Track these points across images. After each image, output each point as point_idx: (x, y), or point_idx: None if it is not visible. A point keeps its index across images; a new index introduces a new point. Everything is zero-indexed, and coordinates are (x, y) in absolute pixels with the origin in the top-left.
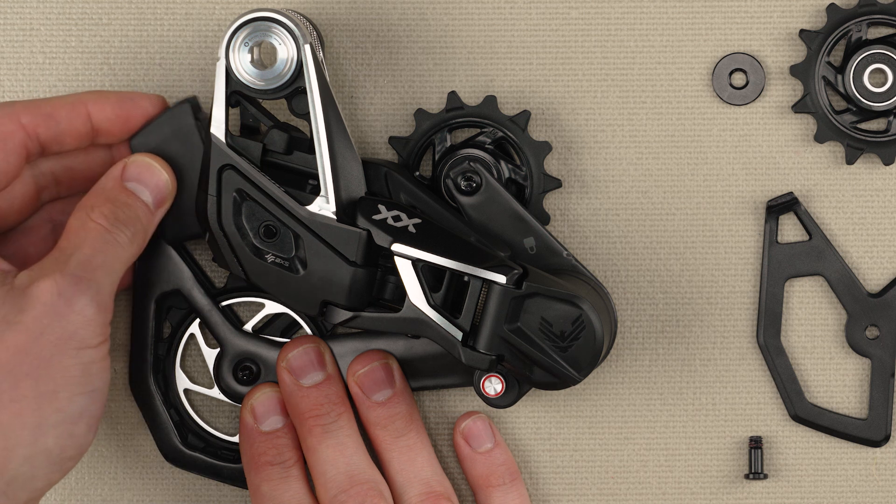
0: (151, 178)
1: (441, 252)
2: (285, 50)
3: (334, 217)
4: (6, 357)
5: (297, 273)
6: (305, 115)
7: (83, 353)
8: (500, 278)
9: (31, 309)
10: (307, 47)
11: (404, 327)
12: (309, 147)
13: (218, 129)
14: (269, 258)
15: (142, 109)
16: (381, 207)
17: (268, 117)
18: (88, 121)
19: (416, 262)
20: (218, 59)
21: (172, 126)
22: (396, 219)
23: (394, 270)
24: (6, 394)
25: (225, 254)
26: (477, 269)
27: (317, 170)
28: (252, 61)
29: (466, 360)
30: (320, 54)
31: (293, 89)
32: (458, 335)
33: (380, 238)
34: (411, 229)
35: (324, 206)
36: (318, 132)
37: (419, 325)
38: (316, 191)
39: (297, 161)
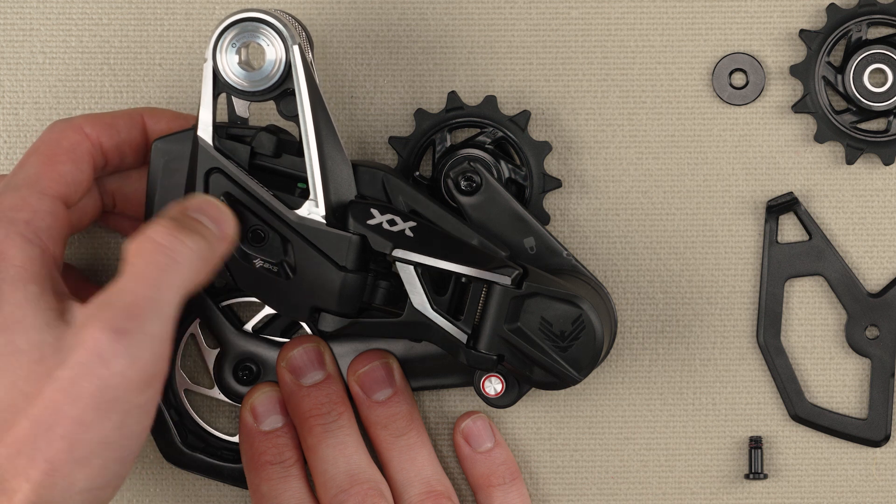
0: (213, 210)
1: (442, 255)
2: (273, 51)
3: (324, 221)
4: (43, 414)
5: (286, 278)
6: (294, 118)
7: (126, 417)
8: (504, 280)
9: (69, 366)
10: (296, 48)
11: (406, 332)
12: (298, 150)
13: (205, 131)
14: (258, 263)
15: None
16: (374, 211)
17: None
18: (145, 133)
19: (417, 267)
20: (205, 60)
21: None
22: (392, 223)
23: (385, 275)
24: (41, 452)
25: None
26: (480, 271)
27: (306, 173)
28: (240, 62)
29: (469, 361)
30: (309, 55)
31: (281, 91)
32: (464, 338)
33: (378, 244)
34: (408, 233)
35: (313, 209)
36: (306, 135)
37: (422, 329)
38: (305, 194)
39: (285, 164)
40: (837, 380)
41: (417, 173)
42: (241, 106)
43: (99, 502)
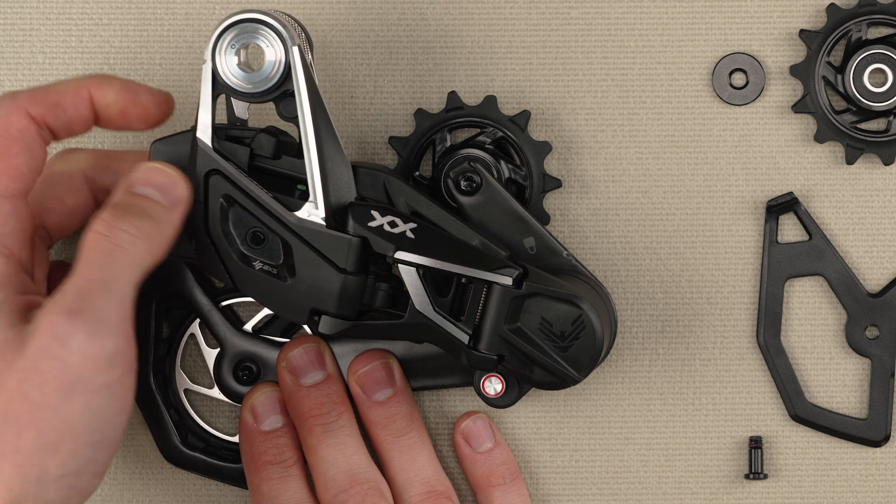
0: (159, 179)
1: (444, 257)
2: (273, 52)
3: (323, 223)
4: (7, 405)
5: (286, 281)
6: (294, 119)
7: (92, 398)
8: (505, 280)
9: (28, 354)
10: (295, 49)
11: (408, 333)
12: (297, 151)
13: (204, 133)
14: (257, 265)
15: (142, 105)
16: (375, 213)
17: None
18: (91, 105)
19: (419, 269)
20: (204, 62)
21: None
22: (392, 224)
23: (385, 277)
24: (9, 444)
25: (212, 261)
26: (481, 271)
27: (305, 175)
28: (239, 64)
29: (469, 362)
30: (309, 56)
31: (281, 92)
32: (465, 339)
33: (380, 246)
34: (409, 235)
35: (312, 211)
36: (306, 136)
37: (424, 331)
38: (305, 196)
39: (285, 166)
40: (837, 380)
41: (417, 173)
42: (240, 107)
43: (77, 491)
